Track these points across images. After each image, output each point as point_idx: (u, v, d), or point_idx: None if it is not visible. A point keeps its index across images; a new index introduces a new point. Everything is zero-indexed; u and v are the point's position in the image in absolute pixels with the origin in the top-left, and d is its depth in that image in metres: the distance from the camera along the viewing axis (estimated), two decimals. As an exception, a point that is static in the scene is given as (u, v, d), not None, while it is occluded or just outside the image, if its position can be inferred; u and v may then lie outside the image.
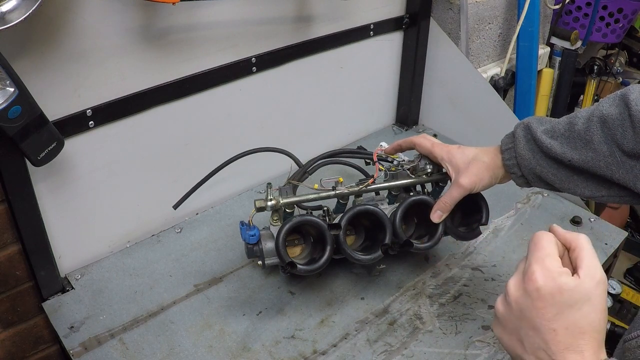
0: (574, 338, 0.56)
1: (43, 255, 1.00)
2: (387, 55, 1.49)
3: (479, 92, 1.45)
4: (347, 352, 0.94)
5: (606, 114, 0.79)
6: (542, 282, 0.58)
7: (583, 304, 0.57)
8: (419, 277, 1.09)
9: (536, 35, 1.78)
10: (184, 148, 1.16)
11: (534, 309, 0.58)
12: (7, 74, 0.77)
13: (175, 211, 1.14)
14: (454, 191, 0.94)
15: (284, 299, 1.04)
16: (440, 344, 0.96)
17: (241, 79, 1.17)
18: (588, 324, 0.56)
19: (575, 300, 0.57)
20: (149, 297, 1.03)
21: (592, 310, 0.57)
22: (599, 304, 0.57)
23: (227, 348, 0.94)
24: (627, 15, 2.01)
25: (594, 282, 0.58)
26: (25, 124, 0.82)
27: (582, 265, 0.60)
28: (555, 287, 0.57)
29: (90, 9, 0.89)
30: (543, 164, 0.87)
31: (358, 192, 1.00)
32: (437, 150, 0.97)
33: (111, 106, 0.99)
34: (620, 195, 0.83)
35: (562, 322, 0.57)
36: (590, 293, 0.57)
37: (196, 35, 1.05)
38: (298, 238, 1.01)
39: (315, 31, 1.26)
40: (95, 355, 0.92)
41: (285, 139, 1.30)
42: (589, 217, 1.26)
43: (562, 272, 0.59)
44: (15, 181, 0.91)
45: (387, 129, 1.61)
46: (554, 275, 0.58)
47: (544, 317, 0.57)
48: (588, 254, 0.60)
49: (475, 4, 1.65)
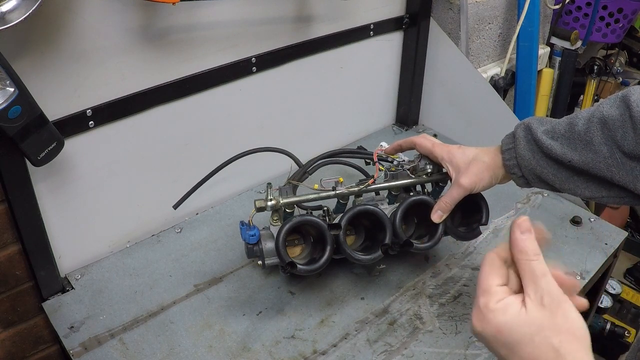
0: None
1: (43, 255, 1.00)
2: (387, 55, 1.49)
3: (479, 92, 1.45)
4: (347, 352, 0.94)
5: (607, 115, 0.79)
6: (480, 327, 0.55)
7: (533, 335, 0.52)
8: (419, 277, 1.09)
9: (536, 35, 1.78)
10: (184, 148, 1.16)
11: (490, 348, 0.56)
12: (7, 74, 0.77)
13: (175, 211, 1.14)
14: (454, 191, 0.94)
15: (284, 299, 1.04)
16: (440, 344, 0.96)
17: (241, 79, 1.17)
18: (544, 353, 0.51)
19: (522, 335, 0.52)
20: (149, 297, 1.03)
21: (545, 339, 0.51)
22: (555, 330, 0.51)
23: (227, 348, 0.94)
24: (627, 15, 2.01)
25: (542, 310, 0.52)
26: (25, 124, 0.82)
27: (527, 291, 0.54)
28: (494, 330, 0.54)
29: (90, 9, 0.89)
30: (543, 164, 0.86)
31: (358, 192, 1.00)
32: (438, 150, 0.97)
33: (111, 106, 0.99)
34: (621, 197, 0.83)
35: (517, 358, 0.53)
36: (539, 323, 0.52)
37: (196, 35, 1.05)
38: (298, 238, 1.01)
39: (315, 31, 1.26)
40: (95, 355, 0.92)
41: (285, 139, 1.30)
42: (589, 217, 1.26)
43: (497, 310, 0.54)
44: (15, 181, 0.91)
45: (387, 129, 1.61)
46: (489, 317, 0.54)
47: (500, 355, 0.55)
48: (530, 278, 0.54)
49: (475, 4, 1.65)
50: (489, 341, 0.55)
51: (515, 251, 0.56)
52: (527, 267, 0.54)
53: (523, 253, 0.55)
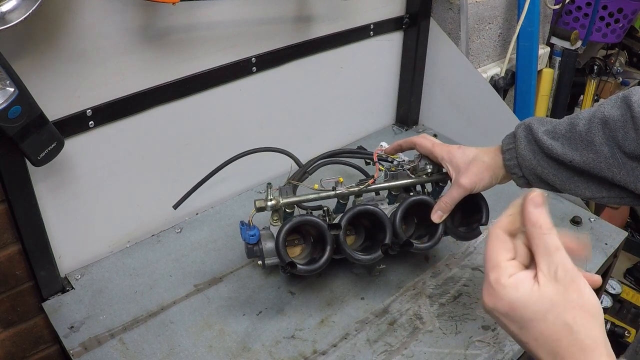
0: (549, 347, 0.51)
1: (43, 255, 1.00)
2: (387, 55, 1.49)
3: (479, 92, 1.45)
4: (347, 352, 0.94)
5: (608, 116, 0.79)
6: (492, 303, 0.54)
7: (546, 313, 0.51)
8: (419, 277, 1.09)
9: (536, 35, 1.78)
10: (184, 148, 1.16)
11: (501, 325, 0.55)
12: (7, 74, 0.77)
13: (175, 211, 1.14)
14: (454, 191, 0.94)
15: (284, 299, 1.04)
16: (440, 344, 0.96)
17: (241, 79, 1.17)
18: (557, 331, 0.51)
19: (535, 312, 0.51)
20: (149, 297, 1.03)
21: (558, 316, 0.51)
22: (569, 306, 0.51)
23: (227, 348, 0.94)
24: (627, 15, 2.01)
25: (555, 285, 0.51)
26: (25, 124, 0.82)
27: (540, 265, 0.53)
28: (506, 306, 0.53)
29: (90, 9, 0.89)
30: (544, 164, 0.87)
31: (358, 192, 1.00)
32: (438, 150, 0.97)
33: (111, 106, 0.99)
34: (621, 197, 0.83)
35: (529, 335, 0.53)
36: (552, 299, 0.51)
37: (196, 35, 1.05)
38: (298, 238, 1.00)
39: (315, 31, 1.26)
40: (95, 355, 0.92)
41: (285, 139, 1.30)
42: (589, 217, 1.26)
43: (509, 285, 0.53)
44: (15, 181, 0.91)
45: (387, 129, 1.61)
46: (501, 294, 0.53)
47: (512, 332, 0.54)
48: (543, 252, 0.53)
49: (475, 4, 1.65)
50: (500, 318, 0.55)
51: (528, 225, 0.54)
52: (540, 242, 0.53)
53: (537, 227, 0.54)
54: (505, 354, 0.93)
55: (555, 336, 0.51)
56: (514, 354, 0.94)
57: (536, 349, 0.53)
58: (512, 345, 0.95)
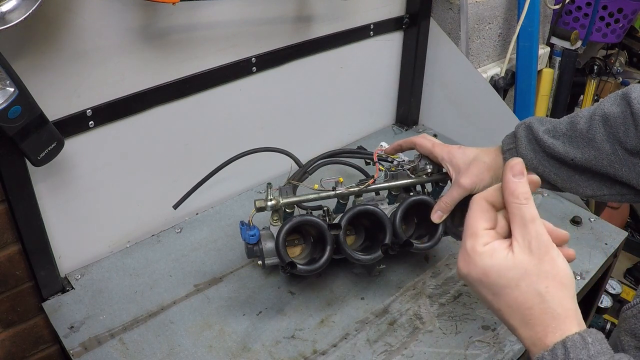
0: (521, 314, 0.52)
1: (43, 255, 1.00)
2: (387, 55, 1.49)
3: (479, 92, 1.45)
4: (347, 352, 0.94)
5: (608, 113, 0.80)
6: (466, 270, 0.55)
7: (519, 280, 0.52)
8: (419, 277, 1.09)
9: (536, 35, 1.78)
10: (184, 148, 1.16)
11: (475, 292, 0.56)
12: (7, 74, 0.77)
13: (175, 211, 1.14)
14: (454, 191, 0.94)
15: (284, 299, 1.04)
16: (440, 344, 0.96)
17: (241, 79, 1.17)
18: (529, 299, 0.52)
19: (508, 279, 0.52)
20: (149, 297, 1.03)
21: (530, 285, 0.52)
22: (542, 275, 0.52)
23: (227, 348, 0.94)
24: (627, 15, 2.01)
25: (529, 255, 0.52)
26: (25, 124, 0.82)
27: (515, 235, 0.53)
28: (480, 272, 0.54)
29: (90, 9, 0.89)
30: (545, 163, 0.87)
31: (358, 192, 1.00)
32: (438, 151, 0.97)
33: (111, 106, 0.99)
34: (622, 194, 0.83)
35: (502, 302, 0.53)
36: (526, 267, 0.52)
37: (196, 35, 1.05)
38: (298, 238, 1.00)
39: (315, 31, 1.26)
40: (95, 355, 0.92)
41: (285, 139, 1.30)
42: (589, 217, 1.26)
43: (484, 253, 0.54)
44: (15, 181, 0.91)
45: (387, 129, 1.61)
46: (475, 260, 0.54)
47: (485, 299, 0.55)
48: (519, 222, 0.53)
49: (475, 4, 1.65)
50: (474, 284, 0.55)
51: (506, 194, 0.55)
52: (517, 211, 0.54)
53: (514, 196, 0.54)
54: (505, 354, 0.93)
55: (527, 304, 0.52)
56: (514, 354, 0.94)
57: (509, 316, 0.54)
58: (512, 345, 0.95)
